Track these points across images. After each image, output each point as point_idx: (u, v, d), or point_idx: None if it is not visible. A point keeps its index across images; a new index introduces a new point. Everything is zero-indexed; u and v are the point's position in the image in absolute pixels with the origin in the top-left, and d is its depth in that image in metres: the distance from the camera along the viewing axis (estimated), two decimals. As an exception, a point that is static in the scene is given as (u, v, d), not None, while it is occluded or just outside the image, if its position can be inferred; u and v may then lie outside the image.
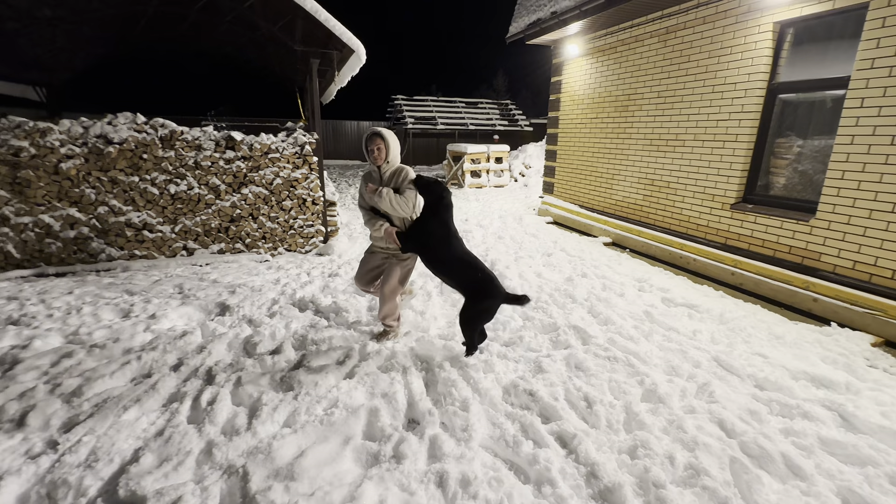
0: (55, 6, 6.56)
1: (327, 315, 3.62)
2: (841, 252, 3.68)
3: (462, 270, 2.82)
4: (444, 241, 2.86)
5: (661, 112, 5.44)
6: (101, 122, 4.82)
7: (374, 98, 31.31)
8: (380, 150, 2.94)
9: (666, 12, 5.22)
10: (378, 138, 2.93)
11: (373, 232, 3.05)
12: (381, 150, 2.94)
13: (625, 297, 4.05)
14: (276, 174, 5.48)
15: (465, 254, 2.89)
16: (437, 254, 2.87)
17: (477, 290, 2.78)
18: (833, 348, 3.16)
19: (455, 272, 2.85)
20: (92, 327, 3.29)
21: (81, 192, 4.73)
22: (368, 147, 2.95)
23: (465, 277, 2.81)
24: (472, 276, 2.79)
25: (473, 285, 2.79)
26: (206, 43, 8.44)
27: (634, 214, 6.05)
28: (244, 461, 1.96)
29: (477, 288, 2.78)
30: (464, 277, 2.81)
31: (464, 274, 2.81)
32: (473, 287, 2.79)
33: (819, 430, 2.23)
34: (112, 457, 1.99)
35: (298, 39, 5.47)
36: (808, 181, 4.14)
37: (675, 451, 2.07)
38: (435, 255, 2.88)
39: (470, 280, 2.79)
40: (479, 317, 2.81)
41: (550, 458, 2.00)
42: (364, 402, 2.42)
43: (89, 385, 2.52)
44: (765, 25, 4.18)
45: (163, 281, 4.49)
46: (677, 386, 2.61)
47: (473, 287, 2.79)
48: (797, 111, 4.20)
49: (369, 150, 2.95)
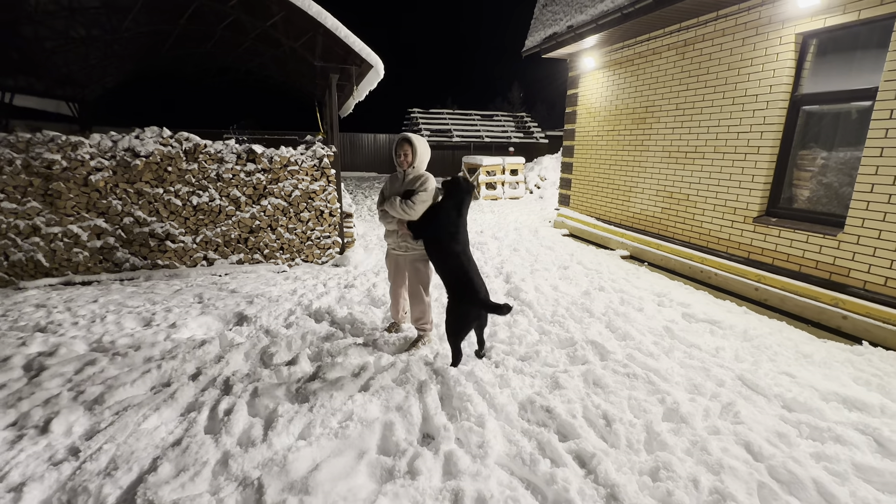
0: (90, 26, 6.89)
1: (343, 326, 3.63)
2: (871, 268, 3.55)
3: (454, 267, 2.93)
4: (451, 232, 2.96)
5: (681, 124, 5.38)
6: (130, 135, 4.99)
7: (390, 111, 31.80)
8: (406, 154, 3.09)
9: (683, 25, 5.20)
10: (406, 144, 3.09)
11: (386, 226, 3.19)
12: (407, 155, 3.09)
13: (644, 311, 3.96)
14: (294, 186, 5.58)
15: (465, 255, 2.98)
16: (441, 244, 2.97)
17: (457, 291, 2.91)
18: (866, 368, 3.03)
19: (448, 267, 2.95)
20: (115, 335, 3.37)
21: (109, 204, 4.89)
22: (397, 151, 3.11)
23: (453, 275, 2.92)
24: (460, 276, 2.90)
25: (457, 285, 2.91)
26: (230, 59, 8.72)
27: (653, 227, 5.96)
28: (259, 473, 1.96)
29: (458, 289, 2.90)
30: (452, 275, 2.93)
31: (454, 271, 2.92)
32: (455, 287, 2.91)
33: (853, 455, 2.12)
34: (131, 465, 2.02)
35: (318, 55, 5.61)
36: (833, 194, 4.03)
37: (699, 473, 1.99)
38: (439, 244, 2.98)
39: (455, 279, 2.91)
40: (459, 322, 2.88)
41: (568, 478, 1.94)
42: (379, 415, 2.40)
43: (111, 393, 2.57)
44: (787, 37, 4.12)
45: (183, 290, 4.58)
46: (700, 405, 2.52)
47: (455, 287, 2.91)
48: (821, 123, 4.10)
49: (397, 153, 3.11)
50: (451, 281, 2.96)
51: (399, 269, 3.32)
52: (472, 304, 2.86)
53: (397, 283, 3.38)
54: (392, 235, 3.22)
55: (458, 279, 2.91)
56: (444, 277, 3.00)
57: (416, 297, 3.25)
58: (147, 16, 6.62)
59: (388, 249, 3.34)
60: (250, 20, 5.87)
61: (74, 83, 9.73)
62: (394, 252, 3.28)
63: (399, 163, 3.12)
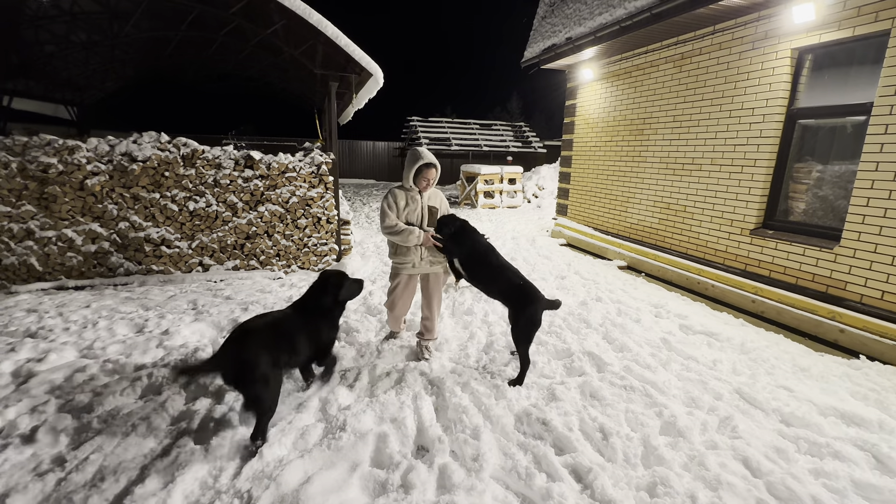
0: (91, 31, 6.91)
1: (338, 335, 3.59)
2: (868, 281, 3.55)
3: (509, 276, 2.95)
4: (482, 247, 3.06)
5: (678, 136, 5.42)
6: (127, 140, 4.98)
7: (389, 119, 31.94)
8: (431, 180, 3.07)
9: (681, 39, 5.25)
10: (434, 170, 3.05)
11: (405, 243, 3.03)
12: (433, 181, 3.09)
13: (641, 322, 3.95)
14: (292, 193, 5.56)
15: (505, 262, 3.04)
16: (478, 258, 3.02)
17: (520, 296, 2.88)
18: (863, 383, 3.01)
19: (502, 278, 2.96)
20: (106, 342, 3.32)
21: (104, 208, 4.86)
22: (424, 176, 3.03)
23: (509, 284, 2.92)
24: (517, 282, 2.91)
25: (518, 292, 2.89)
26: (230, 65, 8.76)
27: (650, 238, 5.97)
28: (250, 486, 1.92)
29: (520, 294, 2.88)
30: (508, 284, 2.92)
31: (509, 280, 2.93)
32: (517, 295, 2.89)
33: (852, 471, 2.10)
34: (118, 476, 1.97)
35: (319, 63, 5.63)
36: (829, 207, 4.04)
37: (696, 490, 1.96)
38: (477, 259, 3.02)
39: (512, 286, 2.91)
40: (528, 325, 2.86)
41: (565, 494, 1.91)
42: (373, 426, 2.37)
43: (100, 401, 2.52)
44: (783, 52, 4.16)
45: (177, 296, 4.54)
46: (698, 419, 2.50)
47: (517, 295, 2.89)
48: (817, 136, 4.13)
49: (424, 178, 3.04)
50: (508, 290, 2.93)
51: (411, 285, 3.26)
52: (538, 304, 2.87)
53: (408, 300, 3.33)
54: (412, 252, 3.11)
55: (517, 286, 2.91)
56: (500, 291, 2.98)
57: (439, 304, 3.30)
58: (148, 22, 6.65)
59: (406, 268, 3.16)
60: (251, 27, 5.90)
61: (74, 87, 9.73)
62: (421, 267, 3.17)
63: (423, 187, 3.09)
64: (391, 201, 3.07)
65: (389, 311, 3.39)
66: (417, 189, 3.09)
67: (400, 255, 3.15)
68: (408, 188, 3.09)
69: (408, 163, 3.04)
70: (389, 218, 3.03)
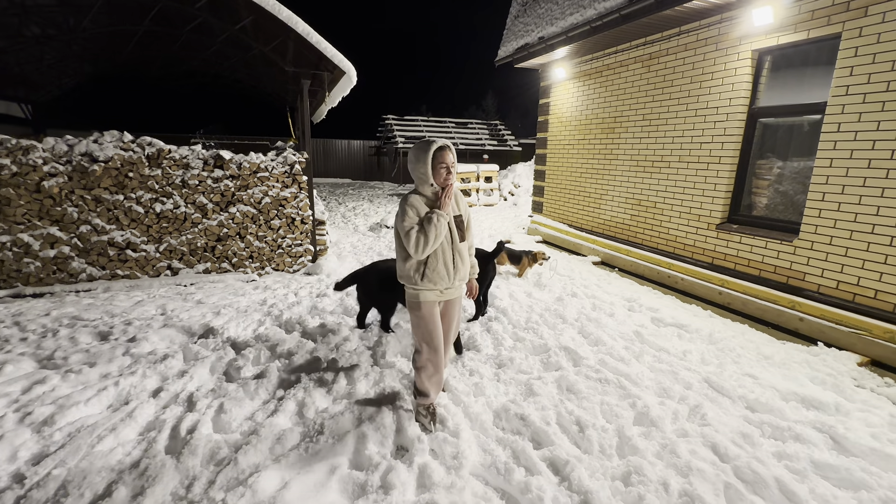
0: (45, 25, 6.56)
1: (314, 337, 3.54)
2: (824, 272, 3.74)
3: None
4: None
5: (647, 134, 5.57)
6: (87, 139, 4.76)
7: (365, 117, 31.61)
8: (452, 165, 2.29)
9: (649, 39, 5.40)
10: (450, 153, 2.27)
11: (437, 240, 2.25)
12: (454, 168, 2.31)
13: (615, 316, 4.04)
14: (264, 193, 5.44)
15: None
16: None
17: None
18: (821, 368, 3.18)
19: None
20: (68, 351, 3.17)
21: (63, 211, 4.63)
22: (441, 161, 2.25)
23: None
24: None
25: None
26: (197, 62, 8.48)
27: (623, 234, 6.11)
28: (224, 495, 1.87)
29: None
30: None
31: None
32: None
33: (811, 453, 2.21)
34: (83, 491, 1.89)
35: (290, 60, 5.52)
36: (789, 202, 4.24)
37: (668, 477, 2.03)
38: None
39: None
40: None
41: (543, 487, 1.94)
42: (351, 428, 2.34)
43: (62, 413, 2.41)
44: (744, 53, 4.33)
45: (145, 302, 4.37)
46: (669, 408, 2.58)
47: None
48: (777, 134, 4.32)
49: (442, 164, 2.26)
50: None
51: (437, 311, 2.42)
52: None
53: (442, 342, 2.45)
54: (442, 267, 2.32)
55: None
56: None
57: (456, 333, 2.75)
58: (108, 16, 6.36)
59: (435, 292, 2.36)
60: (218, 23, 5.72)
61: (27, 84, 9.22)
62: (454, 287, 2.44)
63: (445, 178, 2.28)
64: (410, 213, 2.25)
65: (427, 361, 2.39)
66: (440, 186, 2.30)
67: (428, 281, 2.31)
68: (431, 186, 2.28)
69: (418, 156, 2.26)
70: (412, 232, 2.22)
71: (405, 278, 2.36)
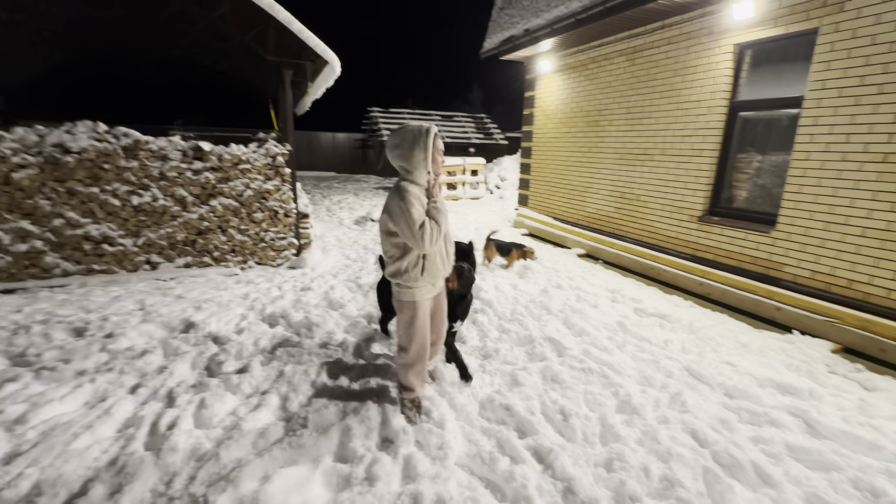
0: (12, 10, 6.28)
1: (298, 331, 3.50)
2: (801, 263, 3.84)
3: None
4: None
5: (631, 127, 5.61)
6: (59, 130, 4.58)
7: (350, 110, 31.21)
8: (442, 157, 2.31)
9: (633, 32, 5.42)
10: (441, 141, 2.27)
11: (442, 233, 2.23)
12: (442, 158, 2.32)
13: (599, 308, 4.09)
14: (246, 185, 5.33)
15: None
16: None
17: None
18: (796, 355, 3.27)
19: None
20: (41, 348, 3.08)
21: (35, 204, 4.46)
22: (438, 148, 2.23)
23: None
24: None
25: None
26: (175, 51, 8.24)
27: (607, 226, 6.18)
28: (205, 490, 1.85)
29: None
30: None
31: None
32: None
33: (786, 436, 2.28)
34: (58, 490, 1.84)
35: (271, 50, 5.40)
36: (768, 195, 4.33)
37: (650, 462, 2.07)
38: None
39: None
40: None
41: (527, 475, 1.96)
42: (335, 421, 2.33)
43: (35, 411, 2.34)
44: (725, 47, 4.39)
45: (123, 297, 4.27)
46: (651, 396, 2.63)
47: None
48: (757, 128, 4.40)
49: (439, 151, 2.25)
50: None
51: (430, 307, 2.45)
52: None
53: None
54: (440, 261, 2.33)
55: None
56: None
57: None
58: (80, 1, 6.11)
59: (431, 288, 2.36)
60: (196, 9, 5.55)
61: (-5, 72, 8.83)
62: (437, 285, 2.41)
63: (438, 163, 2.28)
64: (418, 205, 2.12)
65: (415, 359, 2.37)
66: (434, 175, 2.25)
67: (428, 275, 2.27)
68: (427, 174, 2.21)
69: (416, 141, 2.15)
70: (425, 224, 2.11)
71: (402, 276, 2.24)
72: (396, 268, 2.24)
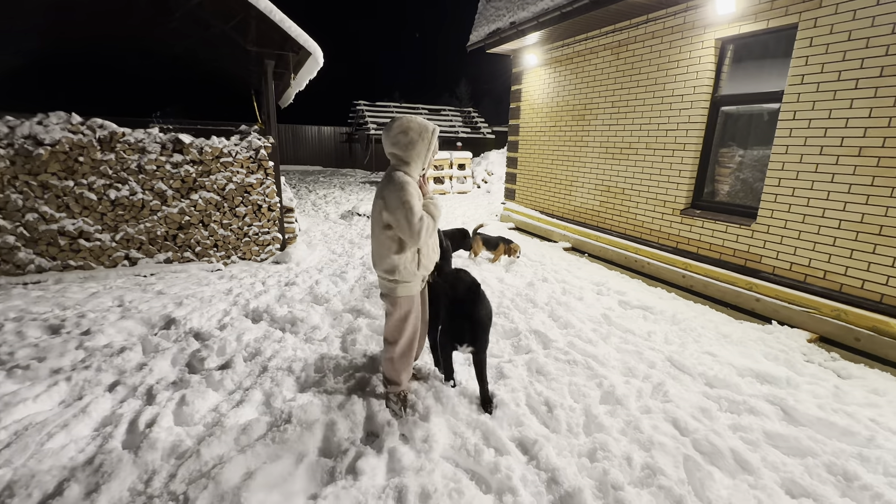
0: (-22, -5, 6.01)
1: (283, 326, 3.46)
2: (779, 254, 3.92)
3: None
4: None
5: (616, 121, 5.65)
6: (31, 121, 4.43)
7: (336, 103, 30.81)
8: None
9: (618, 27, 5.44)
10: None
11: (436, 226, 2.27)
12: None
13: (584, 300, 4.13)
14: (228, 179, 5.23)
15: None
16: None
17: None
18: (774, 345, 3.35)
19: None
20: (14, 346, 2.98)
21: (6, 198, 4.32)
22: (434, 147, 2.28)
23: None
24: None
25: None
26: (153, 40, 8.00)
27: (592, 220, 6.23)
28: (185, 488, 1.81)
29: None
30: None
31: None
32: None
33: (764, 424, 2.33)
34: (31, 491, 1.79)
35: (252, 40, 5.28)
36: (748, 188, 4.41)
37: (632, 451, 2.10)
38: None
39: None
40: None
41: (512, 466, 1.97)
42: (320, 416, 2.31)
43: (8, 411, 2.27)
44: (708, 41, 4.43)
45: (100, 293, 4.16)
46: (634, 387, 2.67)
47: None
48: (738, 122, 4.46)
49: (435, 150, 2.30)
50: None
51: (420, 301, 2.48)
52: None
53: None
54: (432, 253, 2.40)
55: None
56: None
57: None
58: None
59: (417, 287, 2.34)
60: (174, -2, 5.39)
61: (-38, 61, 8.47)
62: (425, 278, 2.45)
63: (431, 163, 2.36)
64: (416, 195, 2.11)
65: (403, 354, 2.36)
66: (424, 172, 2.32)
67: (424, 268, 2.31)
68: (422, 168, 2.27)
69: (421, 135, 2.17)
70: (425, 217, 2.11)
71: (398, 271, 2.19)
72: (392, 263, 2.19)
